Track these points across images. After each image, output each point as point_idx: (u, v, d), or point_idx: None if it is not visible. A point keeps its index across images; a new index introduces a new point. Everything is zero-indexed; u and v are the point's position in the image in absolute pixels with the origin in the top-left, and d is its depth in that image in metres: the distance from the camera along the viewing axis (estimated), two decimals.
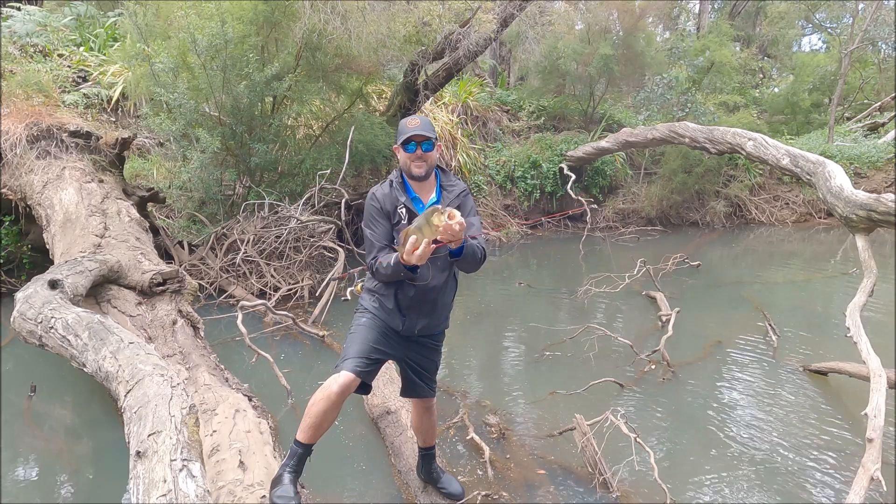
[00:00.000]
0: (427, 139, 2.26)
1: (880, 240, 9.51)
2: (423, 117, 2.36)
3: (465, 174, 10.52)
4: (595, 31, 11.54)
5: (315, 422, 2.24)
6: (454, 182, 2.43)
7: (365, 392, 2.42)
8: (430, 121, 2.35)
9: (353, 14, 6.31)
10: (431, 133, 2.28)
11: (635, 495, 2.81)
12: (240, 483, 2.24)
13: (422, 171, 2.30)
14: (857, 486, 2.57)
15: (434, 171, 2.40)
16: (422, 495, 2.67)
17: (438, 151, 2.38)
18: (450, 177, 2.46)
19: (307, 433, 2.25)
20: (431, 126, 2.32)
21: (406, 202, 2.33)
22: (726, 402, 3.99)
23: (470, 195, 2.46)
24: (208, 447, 2.42)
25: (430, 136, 2.26)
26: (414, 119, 2.32)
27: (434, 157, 2.33)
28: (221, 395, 2.93)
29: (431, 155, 2.31)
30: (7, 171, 5.34)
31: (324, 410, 2.22)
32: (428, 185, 2.38)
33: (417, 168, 2.29)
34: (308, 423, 2.25)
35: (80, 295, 3.57)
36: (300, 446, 2.26)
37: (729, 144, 6.57)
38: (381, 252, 2.30)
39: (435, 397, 2.63)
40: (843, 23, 17.88)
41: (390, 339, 2.39)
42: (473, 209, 2.43)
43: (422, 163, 2.29)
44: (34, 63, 7.59)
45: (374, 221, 2.34)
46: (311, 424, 2.24)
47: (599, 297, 6.24)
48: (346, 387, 2.22)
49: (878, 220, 3.87)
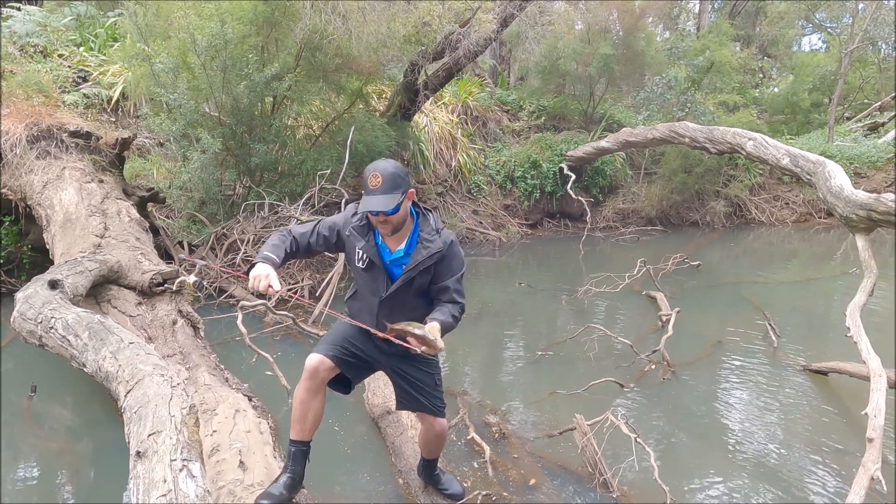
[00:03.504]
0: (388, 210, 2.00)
1: (880, 240, 9.50)
2: (386, 170, 2.01)
3: (465, 174, 10.52)
4: (595, 31, 11.53)
5: (297, 414, 2.27)
6: (433, 237, 2.14)
7: (345, 390, 2.39)
8: (393, 174, 2.00)
9: (354, 14, 6.31)
10: (393, 197, 1.99)
11: (635, 495, 2.81)
12: (240, 483, 2.24)
13: (387, 231, 2.10)
14: (858, 485, 2.57)
15: (412, 214, 2.17)
16: (422, 495, 2.67)
17: (410, 199, 2.12)
18: (430, 224, 2.16)
19: (294, 428, 2.29)
20: (394, 181, 1.99)
21: (368, 248, 2.16)
22: (726, 402, 3.99)
23: (454, 250, 2.17)
24: (208, 447, 2.42)
25: (388, 209, 1.98)
26: (374, 177, 1.99)
27: (401, 216, 2.08)
28: (221, 395, 2.93)
29: (397, 216, 2.06)
30: (7, 171, 5.34)
31: (301, 401, 2.24)
32: (400, 234, 2.16)
33: (382, 230, 2.11)
34: (293, 417, 2.29)
35: (80, 295, 3.57)
36: (292, 444, 2.29)
37: (729, 144, 6.57)
38: (295, 237, 2.22)
39: (444, 418, 2.46)
40: (843, 22, 17.87)
41: (369, 341, 2.30)
42: (457, 267, 2.18)
43: (386, 226, 2.09)
44: (34, 63, 7.59)
45: (323, 226, 2.25)
46: (295, 418, 2.28)
47: (599, 296, 6.24)
48: (312, 369, 2.21)
49: (878, 219, 3.86)
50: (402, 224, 2.12)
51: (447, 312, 2.11)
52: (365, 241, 2.17)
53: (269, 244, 2.20)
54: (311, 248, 2.28)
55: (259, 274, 2.06)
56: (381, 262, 2.19)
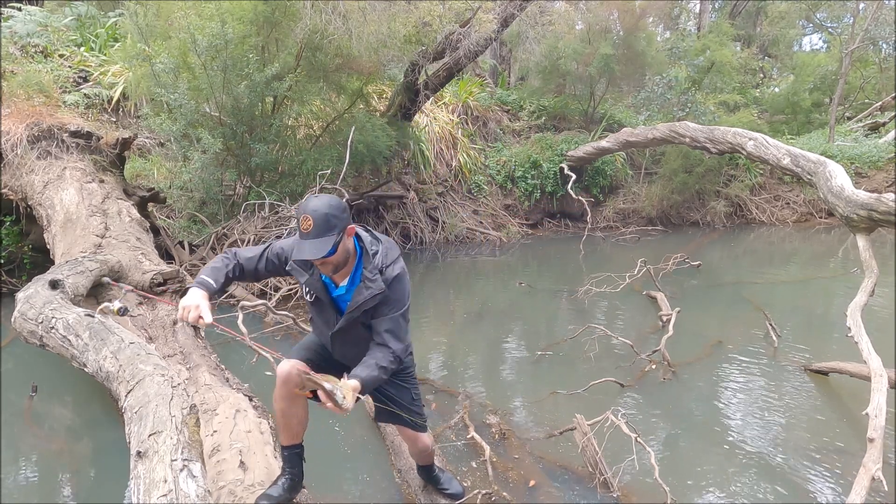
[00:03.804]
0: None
1: (881, 239, 9.50)
2: (317, 211, 1.86)
3: (466, 174, 10.52)
4: (595, 30, 11.54)
5: (281, 423, 2.25)
6: (374, 276, 2.00)
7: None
8: (325, 216, 1.86)
9: (354, 14, 6.31)
10: (327, 241, 1.86)
11: (636, 495, 2.81)
12: (240, 483, 2.24)
13: (328, 272, 1.99)
14: (858, 485, 2.56)
15: (356, 248, 2.05)
16: (422, 494, 2.67)
17: (351, 235, 1.99)
18: (373, 263, 2.01)
19: (282, 435, 2.29)
20: (327, 222, 1.86)
21: (312, 283, 2.05)
22: (727, 402, 3.99)
23: (396, 288, 2.03)
24: (209, 447, 2.42)
25: (321, 255, 1.86)
26: (305, 220, 1.87)
27: (340, 257, 1.95)
28: (222, 395, 2.93)
29: (335, 257, 1.93)
30: (8, 172, 5.35)
31: (281, 410, 2.21)
32: (345, 268, 2.04)
33: (323, 270, 1.99)
34: (277, 425, 2.29)
35: (80, 295, 3.58)
36: (284, 449, 2.29)
37: (729, 144, 6.56)
38: (241, 262, 2.10)
39: (425, 433, 2.40)
40: (844, 22, 17.88)
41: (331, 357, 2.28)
42: (396, 306, 2.04)
43: (326, 267, 1.98)
44: (35, 63, 7.60)
45: (272, 252, 2.12)
46: (280, 426, 2.27)
47: (600, 296, 6.24)
48: (285, 375, 2.14)
49: (878, 219, 3.86)
50: (344, 262, 2.00)
51: (373, 365, 1.96)
52: (309, 275, 2.06)
53: (209, 267, 2.07)
54: (259, 273, 2.15)
55: (189, 304, 1.93)
56: (328, 298, 2.09)
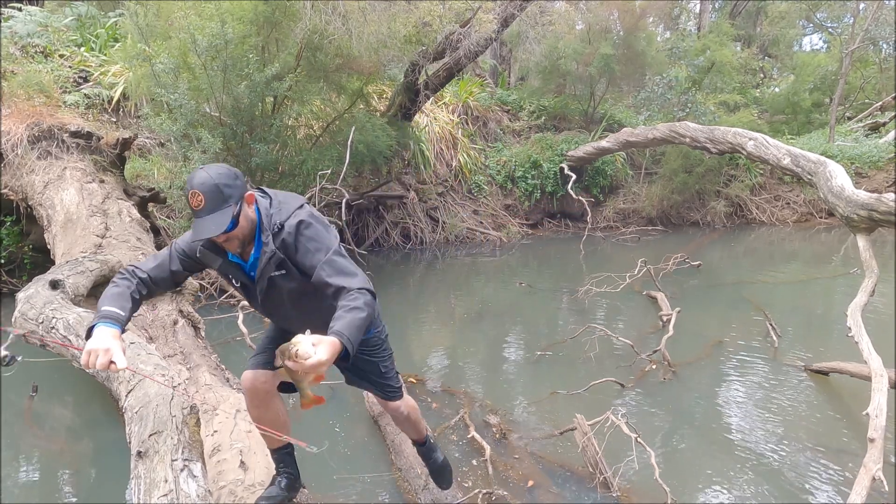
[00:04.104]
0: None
1: (881, 239, 9.49)
2: (206, 184, 1.66)
3: (466, 174, 10.52)
4: (595, 30, 11.54)
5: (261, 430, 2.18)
6: (268, 238, 1.80)
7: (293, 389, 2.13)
8: (215, 187, 1.66)
9: (354, 14, 6.31)
10: (225, 213, 1.67)
11: (636, 495, 2.81)
12: (241, 483, 2.25)
13: (236, 248, 1.81)
14: (859, 485, 2.57)
15: (257, 216, 1.84)
16: (422, 493, 2.67)
17: (251, 203, 1.79)
18: (266, 224, 1.81)
19: (267, 441, 2.24)
20: (220, 194, 1.67)
21: (226, 268, 1.88)
22: (727, 402, 3.99)
23: (306, 234, 1.79)
24: (209, 447, 2.42)
25: (222, 230, 1.67)
26: (194, 196, 1.66)
27: (245, 228, 1.76)
28: (222, 395, 2.93)
29: (239, 230, 1.74)
30: (8, 172, 5.35)
31: (255, 418, 2.14)
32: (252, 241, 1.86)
33: (229, 248, 1.81)
34: (260, 433, 2.23)
35: (81, 295, 3.58)
36: (273, 452, 2.25)
37: (730, 144, 6.56)
38: (149, 275, 1.86)
39: (400, 400, 2.26)
40: (844, 22, 17.87)
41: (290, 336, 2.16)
42: (319, 249, 1.78)
43: (232, 244, 1.78)
44: (35, 63, 7.60)
45: (178, 249, 1.90)
46: (262, 433, 2.20)
47: (600, 296, 6.24)
48: (249, 387, 2.07)
49: (879, 219, 3.86)
50: (252, 232, 1.80)
51: (341, 315, 1.64)
52: (221, 259, 1.88)
53: (109, 296, 1.76)
54: (177, 276, 1.93)
55: (95, 348, 1.62)
56: (246, 278, 1.90)
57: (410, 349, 5.02)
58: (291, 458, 2.26)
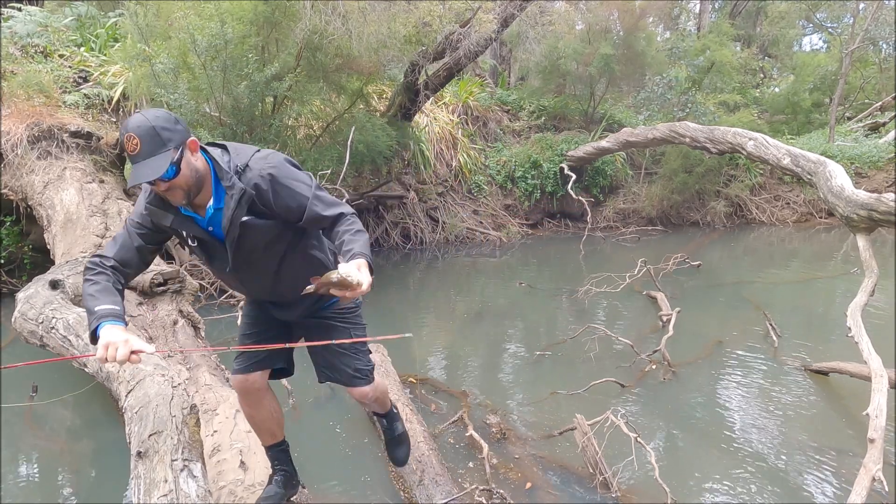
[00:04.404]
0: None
1: (881, 239, 9.50)
2: (142, 126, 1.54)
3: (466, 174, 10.52)
4: (595, 30, 11.53)
5: (255, 428, 2.21)
6: (232, 180, 1.67)
7: (284, 375, 2.19)
8: (152, 129, 1.54)
9: (354, 14, 6.31)
10: (163, 157, 1.54)
11: (636, 495, 2.81)
12: (241, 483, 2.25)
13: (181, 199, 1.64)
14: (859, 486, 2.56)
15: (208, 164, 1.70)
16: (416, 489, 2.66)
17: (195, 150, 1.65)
18: (225, 168, 1.68)
19: (261, 438, 2.24)
20: (156, 137, 1.54)
21: (179, 223, 1.72)
22: (727, 402, 3.99)
23: (281, 172, 1.70)
24: (209, 447, 2.43)
25: (160, 174, 1.53)
26: (130, 139, 1.54)
27: (188, 177, 1.61)
28: (222, 395, 2.93)
29: (182, 178, 1.60)
30: (8, 172, 5.35)
31: (249, 416, 2.17)
32: (203, 193, 1.69)
33: (173, 199, 1.65)
34: (253, 429, 2.24)
35: (81, 295, 3.57)
36: (268, 450, 2.24)
37: (730, 144, 6.56)
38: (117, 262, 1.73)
39: (369, 385, 2.08)
40: (844, 22, 17.87)
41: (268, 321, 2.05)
42: (301, 186, 1.72)
43: (175, 194, 1.63)
44: (35, 63, 7.59)
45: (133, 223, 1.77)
46: (256, 431, 2.22)
47: (600, 297, 6.24)
48: (241, 388, 2.09)
49: (879, 219, 3.86)
50: (197, 182, 1.65)
51: (351, 238, 1.65)
52: (173, 216, 1.72)
53: (93, 293, 1.63)
54: (144, 253, 1.78)
55: (113, 341, 1.52)
56: (206, 234, 1.74)
57: (410, 349, 5.02)
58: (286, 455, 2.26)
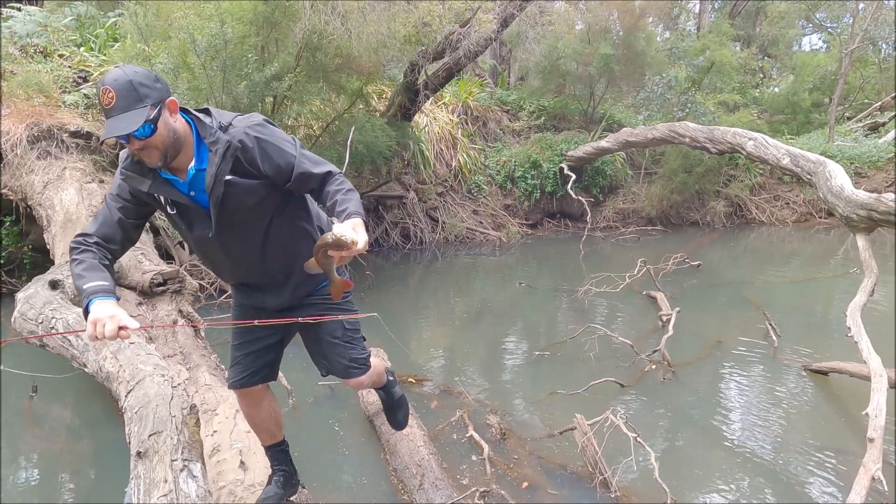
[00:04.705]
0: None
1: (881, 240, 9.49)
2: (119, 80, 1.48)
3: (466, 174, 10.52)
4: (595, 31, 11.54)
5: (254, 428, 2.20)
6: (216, 135, 1.62)
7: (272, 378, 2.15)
8: (129, 83, 1.48)
9: (354, 14, 6.31)
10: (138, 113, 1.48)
11: (635, 495, 2.81)
12: (240, 483, 2.25)
13: (156, 160, 1.58)
14: (858, 486, 2.57)
15: (190, 125, 1.64)
16: (417, 493, 2.67)
17: (174, 110, 1.59)
18: (209, 125, 1.63)
19: (261, 438, 2.23)
20: (133, 92, 1.48)
21: (158, 187, 1.64)
22: (726, 402, 3.99)
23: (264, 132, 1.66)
24: (209, 447, 2.42)
25: (132, 130, 1.47)
26: (105, 93, 1.48)
27: (164, 136, 1.55)
28: (222, 396, 2.93)
29: (157, 137, 1.54)
30: (8, 172, 5.35)
31: (249, 416, 2.16)
32: (183, 155, 1.63)
33: (147, 159, 1.58)
34: (253, 431, 2.23)
35: None
36: (268, 450, 2.23)
37: (729, 144, 6.57)
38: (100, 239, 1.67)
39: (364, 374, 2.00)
40: (844, 22, 17.86)
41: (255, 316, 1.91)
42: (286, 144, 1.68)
43: (150, 153, 1.56)
44: (35, 63, 7.59)
45: (113, 196, 1.72)
46: (255, 431, 2.21)
47: (600, 297, 6.24)
48: (241, 401, 2.10)
49: (878, 219, 3.86)
50: (175, 144, 1.59)
51: (343, 199, 1.61)
52: (150, 180, 1.64)
53: (80, 273, 1.59)
54: (126, 226, 1.71)
55: (100, 317, 1.49)
56: (187, 199, 1.66)
57: (410, 349, 5.02)
58: (286, 455, 2.25)
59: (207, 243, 1.75)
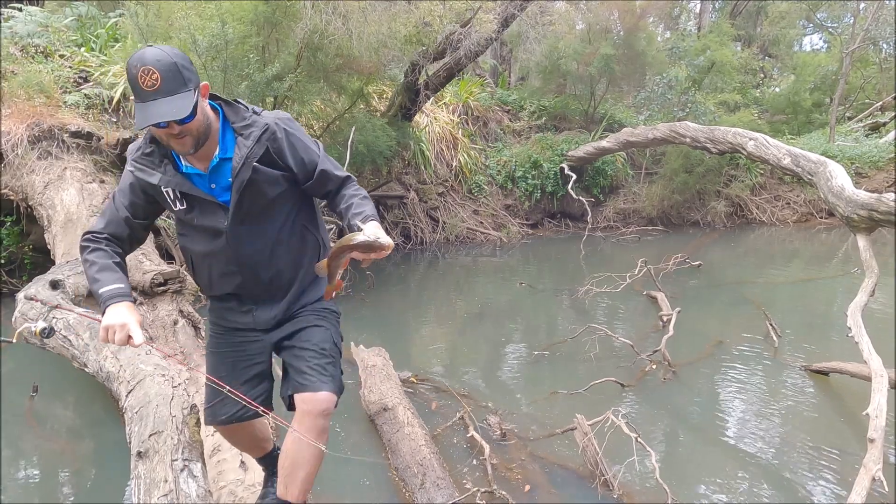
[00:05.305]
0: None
1: (882, 240, 9.48)
2: (162, 61, 1.41)
3: (466, 174, 10.52)
4: (596, 30, 11.53)
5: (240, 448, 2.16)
6: (250, 118, 1.61)
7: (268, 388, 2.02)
8: (173, 65, 1.43)
9: (354, 14, 6.31)
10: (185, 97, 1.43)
11: (636, 495, 2.81)
12: (241, 483, 2.25)
13: (187, 148, 1.52)
14: (859, 486, 2.56)
15: (214, 109, 1.62)
16: (418, 493, 2.67)
17: (206, 96, 1.56)
18: (242, 111, 1.63)
19: (251, 454, 2.14)
20: (179, 74, 1.43)
21: (170, 180, 1.59)
22: (727, 402, 3.99)
23: (291, 126, 1.66)
24: (209, 447, 2.43)
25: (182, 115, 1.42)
26: (147, 73, 1.39)
27: (201, 122, 1.51)
28: None
29: (196, 123, 1.49)
30: (8, 172, 5.35)
31: (229, 439, 2.05)
32: (207, 145, 1.58)
33: (179, 147, 1.52)
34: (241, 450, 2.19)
35: (81, 295, 3.58)
36: (258, 460, 2.16)
37: (730, 144, 6.56)
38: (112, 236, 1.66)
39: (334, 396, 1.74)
40: (844, 22, 17.86)
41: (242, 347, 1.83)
42: (309, 140, 1.70)
43: (183, 141, 1.50)
44: (35, 64, 7.60)
45: (122, 192, 1.67)
46: (243, 450, 2.16)
47: (600, 297, 6.24)
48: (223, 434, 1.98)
49: (879, 219, 3.86)
50: (207, 130, 1.54)
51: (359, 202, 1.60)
52: (161, 172, 1.59)
53: (94, 276, 1.58)
54: (133, 225, 1.69)
55: (112, 324, 1.51)
56: (202, 192, 1.61)
57: (410, 349, 5.02)
58: (272, 464, 2.20)
59: (213, 241, 1.67)
